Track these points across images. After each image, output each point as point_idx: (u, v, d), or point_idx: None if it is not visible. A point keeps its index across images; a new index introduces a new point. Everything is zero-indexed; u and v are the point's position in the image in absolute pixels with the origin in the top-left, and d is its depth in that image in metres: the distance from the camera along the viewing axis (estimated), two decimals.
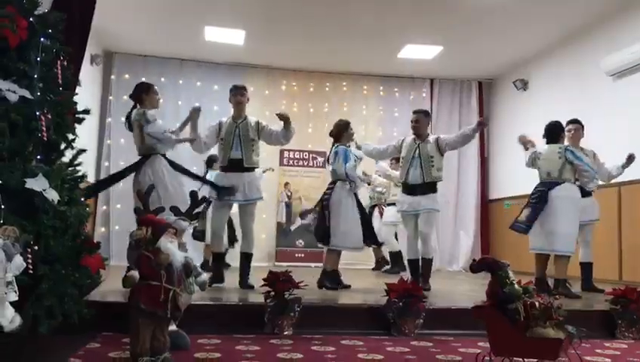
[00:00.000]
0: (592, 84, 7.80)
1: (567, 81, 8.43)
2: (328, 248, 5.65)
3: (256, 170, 5.55)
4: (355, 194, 5.68)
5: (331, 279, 5.49)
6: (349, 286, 5.53)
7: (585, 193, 5.66)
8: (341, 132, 5.78)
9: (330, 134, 5.87)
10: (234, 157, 5.32)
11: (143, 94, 4.92)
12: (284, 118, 5.35)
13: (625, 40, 7.11)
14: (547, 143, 5.64)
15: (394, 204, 8.44)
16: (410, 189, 5.62)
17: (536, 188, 5.60)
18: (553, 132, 5.64)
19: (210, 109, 9.47)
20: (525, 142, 5.81)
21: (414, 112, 5.84)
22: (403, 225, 6.11)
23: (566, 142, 5.79)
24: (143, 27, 8.42)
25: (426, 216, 5.52)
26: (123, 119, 5.43)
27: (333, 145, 5.82)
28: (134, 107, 4.93)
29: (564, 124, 5.84)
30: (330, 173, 5.80)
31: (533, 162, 5.67)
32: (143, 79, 9.39)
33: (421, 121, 5.72)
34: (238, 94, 5.51)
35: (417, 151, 5.57)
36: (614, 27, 7.44)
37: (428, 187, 5.52)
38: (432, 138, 5.66)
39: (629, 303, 4.19)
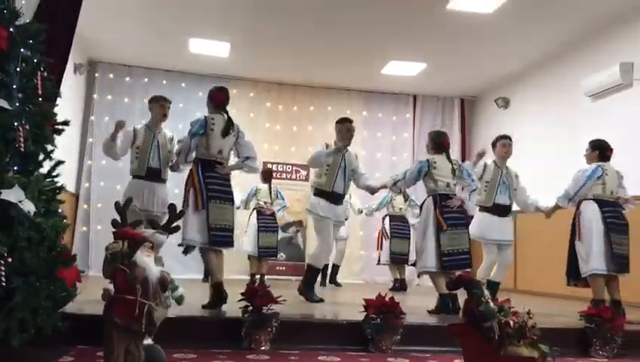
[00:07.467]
0: (571, 104, 7.92)
1: (547, 100, 8.55)
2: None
3: None
4: None
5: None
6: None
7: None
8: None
9: None
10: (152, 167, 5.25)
11: None
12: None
13: (603, 62, 7.24)
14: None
15: None
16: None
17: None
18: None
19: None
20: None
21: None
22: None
23: (493, 158, 6.19)
24: (128, 37, 8.41)
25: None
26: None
27: None
28: None
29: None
30: None
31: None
32: (126, 100, 9.41)
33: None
34: (167, 106, 5.37)
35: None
36: (593, 49, 7.59)
37: None
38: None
39: (604, 322, 4.24)
